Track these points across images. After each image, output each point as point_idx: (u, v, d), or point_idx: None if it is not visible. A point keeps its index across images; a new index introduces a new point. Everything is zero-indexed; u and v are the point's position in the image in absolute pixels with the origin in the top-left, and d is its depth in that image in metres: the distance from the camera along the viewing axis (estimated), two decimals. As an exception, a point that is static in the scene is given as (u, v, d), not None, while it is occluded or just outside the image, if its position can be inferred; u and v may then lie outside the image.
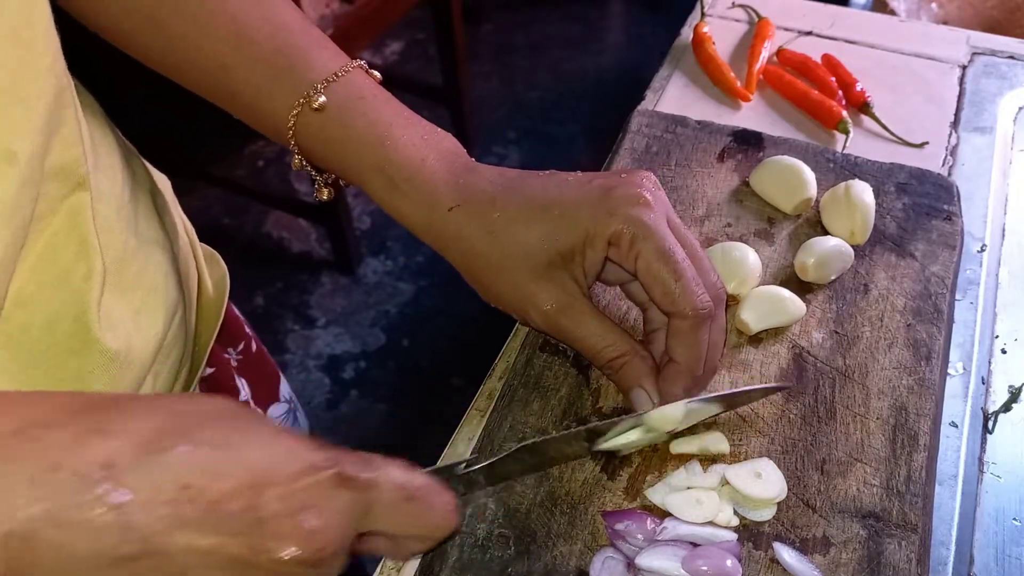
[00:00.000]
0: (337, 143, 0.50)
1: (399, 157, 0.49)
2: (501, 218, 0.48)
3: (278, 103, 0.50)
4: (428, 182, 0.49)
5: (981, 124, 0.74)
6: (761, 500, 0.46)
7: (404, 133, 0.50)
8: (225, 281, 0.66)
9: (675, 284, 0.46)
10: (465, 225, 0.48)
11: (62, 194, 0.44)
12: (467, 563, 0.45)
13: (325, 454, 0.34)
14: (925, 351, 0.54)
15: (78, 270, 0.45)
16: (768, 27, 0.81)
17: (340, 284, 1.93)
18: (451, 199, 0.49)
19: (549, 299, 0.48)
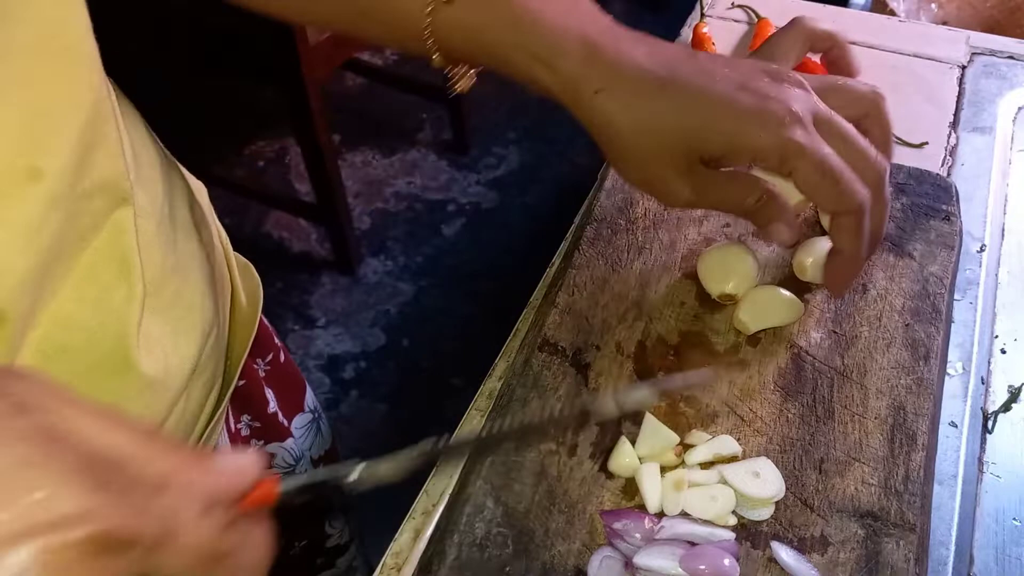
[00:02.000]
0: (476, 30, 0.48)
1: (542, 33, 0.47)
2: (646, 111, 0.46)
3: (411, 5, 0.48)
4: (574, 60, 0.46)
5: (981, 124, 0.74)
6: (759, 499, 0.46)
7: (547, 7, 0.47)
8: (258, 292, 0.64)
9: (835, 189, 0.46)
10: (611, 111, 0.46)
11: (106, 210, 0.43)
12: (465, 562, 0.45)
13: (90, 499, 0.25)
14: (923, 351, 0.54)
15: (118, 289, 0.44)
16: (768, 27, 0.81)
17: (340, 284, 1.93)
18: (596, 81, 0.46)
19: (687, 192, 0.48)
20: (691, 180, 0.48)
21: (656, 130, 0.46)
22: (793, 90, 0.47)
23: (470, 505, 0.47)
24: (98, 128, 0.41)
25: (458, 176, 2.15)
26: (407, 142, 2.21)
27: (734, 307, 0.56)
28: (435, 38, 0.49)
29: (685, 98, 0.46)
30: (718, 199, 0.49)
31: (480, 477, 0.48)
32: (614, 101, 0.46)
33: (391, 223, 2.04)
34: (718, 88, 0.46)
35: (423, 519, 0.51)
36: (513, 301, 0.67)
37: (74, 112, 0.40)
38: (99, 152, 0.42)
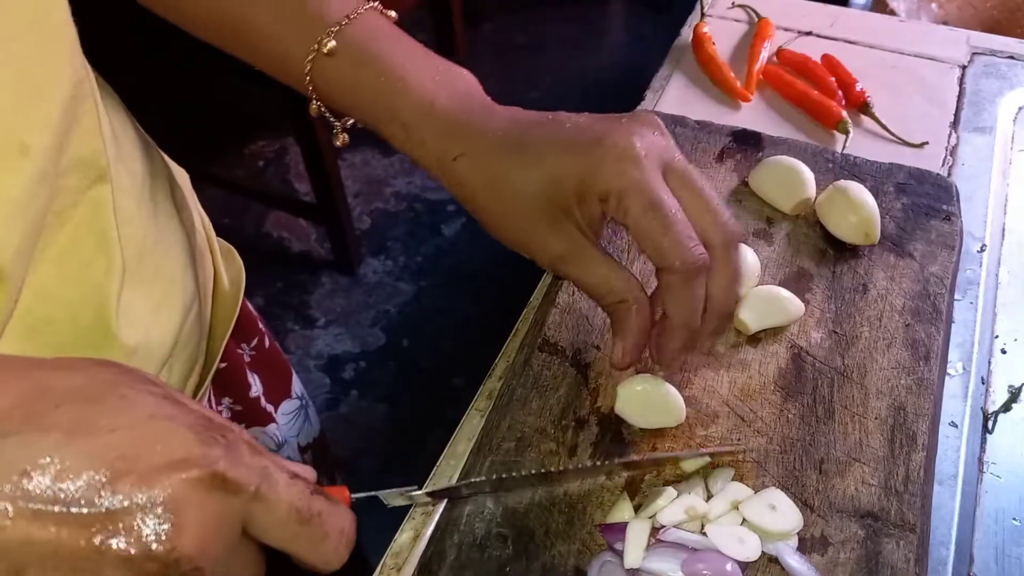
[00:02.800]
0: (351, 87, 0.49)
1: (410, 100, 0.48)
2: (500, 169, 0.47)
3: (294, 50, 0.50)
4: (437, 127, 0.48)
5: (981, 124, 0.74)
6: (778, 533, 0.46)
7: (417, 74, 0.49)
8: (241, 276, 0.66)
9: (663, 238, 0.44)
10: (469, 175, 0.47)
11: (83, 187, 0.44)
12: (465, 562, 0.45)
13: (207, 449, 0.30)
14: (924, 351, 0.54)
15: (99, 263, 0.45)
16: (768, 27, 0.81)
17: (340, 284, 1.93)
18: (456, 147, 0.47)
19: (553, 249, 0.47)
20: (556, 239, 0.47)
21: (514, 187, 0.47)
22: (648, 135, 0.46)
23: (470, 505, 0.47)
24: (77, 107, 0.43)
25: (458, 176, 2.14)
26: (407, 142, 2.21)
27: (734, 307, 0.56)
28: (314, 87, 0.50)
29: (536, 151, 0.46)
30: (582, 272, 0.47)
31: (480, 477, 0.48)
32: (473, 165, 0.47)
33: (391, 223, 2.04)
34: (565, 135, 0.46)
35: (423, 519, 0.51)
36: (513, 301, 0.67)
37: (57, 91, 0.41)
38: (76, 130, 0.43)
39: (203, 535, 0.29)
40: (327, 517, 0.34)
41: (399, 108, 0.48)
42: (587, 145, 0.45)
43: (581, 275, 0.47)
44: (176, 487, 0.29)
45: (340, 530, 0.35)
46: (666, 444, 0.50)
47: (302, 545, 0.34)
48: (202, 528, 0.29)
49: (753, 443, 0.50)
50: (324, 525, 0.34)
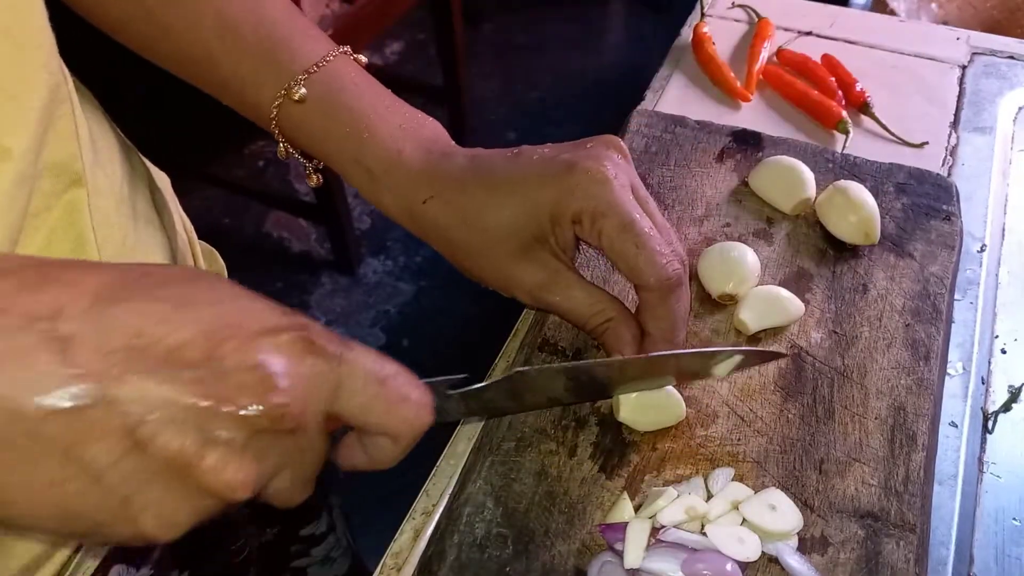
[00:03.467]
0: (318, 134, 0.50)
1: (377, 150, 0.49)
2: (472, 205, 0.48)
3: (263, 94, 0.50)
4: (404, 175, 0.49)
5: (981, 124, 0.74)
6: (780, 533, 0.46)
7: (383, 124, 0.50)
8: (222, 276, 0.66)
9: (638, 256, 0.45)
10: (440, 216, 0.48)
11: (58, 190, 0.44)
12: (465, 562, 0.45)
13: (293, 319, 0.33)
14: (924, 351, 0.54)
15: None
16: (768, 27, 0.81)
17: (340, 284, 1.93)
18: (425, 191, 0.48)
19: (531, 279, 0.48)
20: (533, 269, 0.48)
21: (488, 220, 0.47)
22: (616, 158, 0.47)
23: (470, 505, 0.47)
24: (54, 111, 0.43)
25: (458, 176, 2.14)
26: (407, 142, 2.21)
27: (734, 307, 0.56)
28: (280, 131, 0.51)
29: (508, 183, 0.47)
30: (562, 298, 0.48)
31: (480, 477, 0.48)
32: (443, 206, 0.48)
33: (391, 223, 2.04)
34: (535, 166, 0.47)
35: (423, 519, 0.51)
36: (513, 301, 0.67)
37: (34, 95, 0.41)
38: (52, 134, 0.43)
39: (303, 393, 0.31)
40: (401, 378, 0.36)
41: (365, 157, 0.49)
42: (559, 172, 0.46)
43: (563, 301, 0.48)
44: (276, 348, 0.31)
45: (418, 392, 0.36)
46: (666, 444, 0.50)
47: (384, 406, 0.35)
48: (301, 386, 0.31)
49: (753, 443, 0.50)
50: (401, 386, 0.35)
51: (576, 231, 0.47)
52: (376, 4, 1.76)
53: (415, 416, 0.36)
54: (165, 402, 0.29)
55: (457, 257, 0.50)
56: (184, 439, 0.29)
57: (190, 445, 0.29)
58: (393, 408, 0.35)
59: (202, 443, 0.29)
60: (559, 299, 0.48)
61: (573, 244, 0.48)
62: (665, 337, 0.48)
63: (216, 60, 0.51)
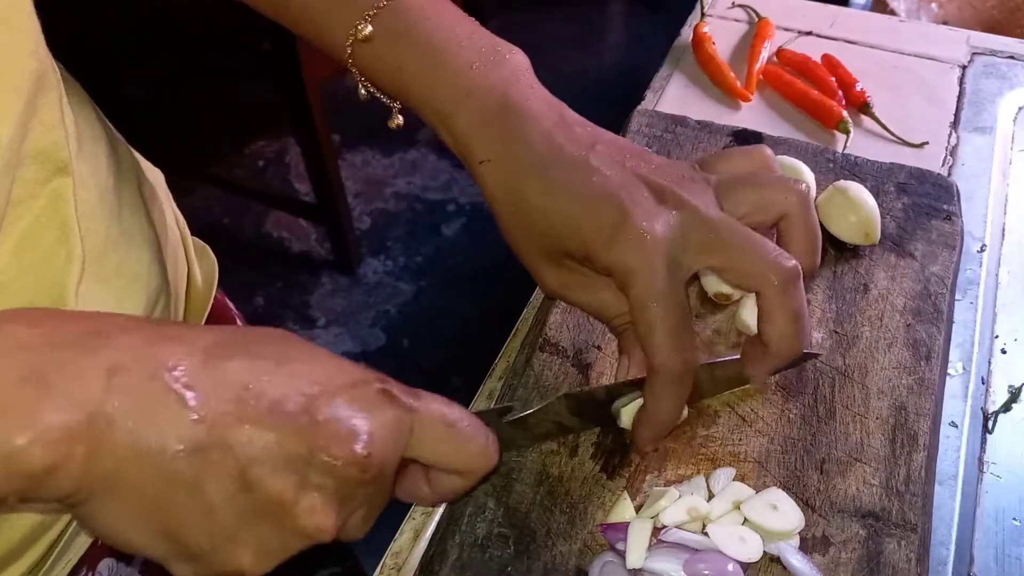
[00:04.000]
0: (392, 71, 0.49)
1: (444, 87, 0.47)
2: (523, 192, 0.46)
3: (337, 32, 0.49)
4: (466, 125, 0.47)
5: (981, 124, 0.74)
6: (780, 532, 0.46)
7: (456, 58, 0.47)
8: (214, 273, 0.66)
9: (652, 335, 0.43)
10: (492, 184, 0.47)
11: (42, 178, 0.44)
12: (467, 562, 0.45)
13: (371, 373, 0.36)
14: (925, 351, 0.54)
15: (58, 255, 0.45)
16: (768, 27, 0.81)
17: (340, 284, 1.93)
18: (483, 151, 0.47)
19: (556, 279, 0.48)
20: (559, 271, 0.48)
21: (530, 215, 0.46)
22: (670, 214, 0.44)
23: (471, 505, 0.47)
24: (38, 99, 0.43)
25: (458, 176, 2.15)
26: (407, 142, 2.21)
27: (736, 307, 0.56)
28: (358, 69, 0.50)
29: (561, 194, 0.45)
30: (587, 299, 0.48)
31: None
32: (495, 175, 0.46)
33: (391, 223, 2.04)
34: (591, 193, 0.44)
35: (423, 519, 0.51)
36: (513, 301, 0.67)
37: (21, 83, 0.41)
38: (35, 122, 0.43)
39: (385, 442, 0.34)
40: (468, 420, 0.38)
41: (437, 95, 0.47)
42: (609, 218, 0.44)
43: (587, 300, 0.49)
44: (362, 400, 0.34)
45: (484, 433, 0.39)
46: (668, 443, 0.50)
47: (453, 447, 0.38)
48: (384, 435, 0.34)
49: (754, 443, 0.50)
50: (468, 428, 0.38)
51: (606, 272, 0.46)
52: (376, 4, 1.75)
53: (481, 452, 0.39)
54: (269, 447, 0.32)
55: (498, 222, 0.49)
56: (284, 482, 0.32)
57: (289, 488, 0.33)
58: (462, 449, 0.38)
59: (299, 487, 0.33)
60: (584, 299, 0.49)
61: None
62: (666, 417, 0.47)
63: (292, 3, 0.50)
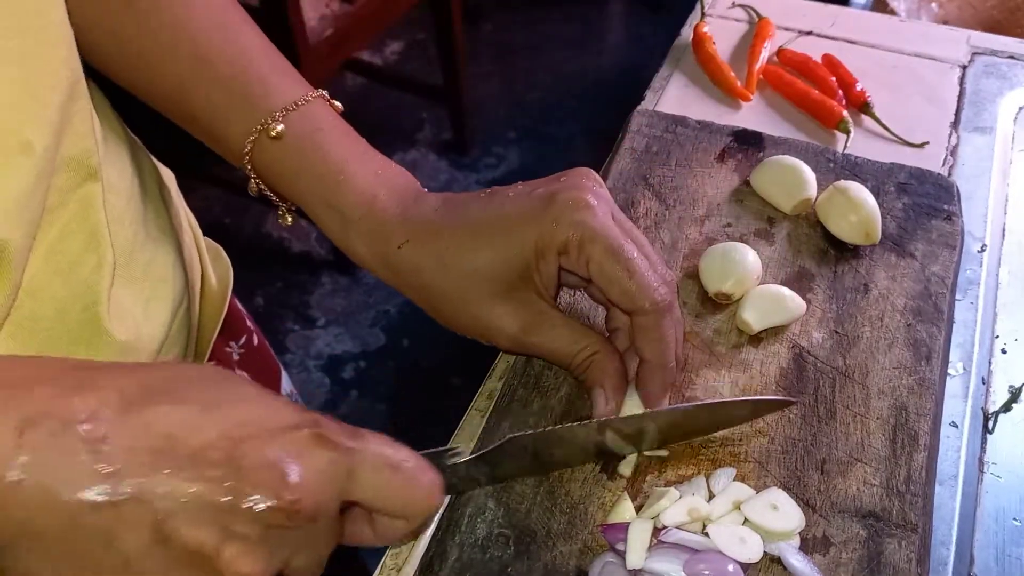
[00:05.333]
0: (292, 174, 0.50)
1: (352, 195, 0.49)
2: (449, 248, 0.47)
3: (235, 128, 0.50)
4: (379, 220, 0.48)
5: (981, 124, 0.74)
6: (780, 532, 0.46)
7: (359, 169, 0.49)
8: (229, 275, 0.66)
9: (630, 281, 0.45)
10: (417, 260, 0.48)
11: (72, 185, 0.44)
12: (467, 563, 0.45)
13: (306, 415, 0.35)
14: (925, 351, 0.54)
15: (88, 261, 0.45)
16: (768, 27, 0.81)
17: (340, 284, 1.93)
18: (400, 235, 0.48)
19: (514, 322, 0.47)
20: (515, 311, 0.47)
21: (468, 263, 0.47)
22: (594, 187, 0.48)
23: (471, 506, 0.47)
24: (72, 107, 0.43)
25: (458, 176, 2.15)
26: (407, 142, 2.21)
27: (736, 307, 0.56)
28: (253, 168, 0.50)
29: (484, 226, 0.47)
30: (547, 341, 0.48)
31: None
32: (420, 250, 0.48)
33: (391, 223, 2.04)
34: (512, 203, 0.47)
35: (424, 519, 0.51)
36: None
37: (56, 91, 0.41)
38: (69, 130, 0.43)
39: (317, 488, 0.33)
40: (413, 463, 0.37)
41: (339, 201, 0.49)
42: (540, 205, 0.46)
43: (547, 341, 0.48)
44: (290, 446, 0.33)
45: (428, 476, 0.37)
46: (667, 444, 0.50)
47: (395, 491, 0.36)
48: (314, 482, 0.33)
49: (755, 443, 0.50)
50: (412, 470, 0.37)
51: (563, 262, 0.47)
52: (376, 4, 1.75)
53: (426, 498, 0.38)
54: (188, 499, 0.31)
55: (434, 304, 0.49)
56: (205, 534, 0.31)
57: (210, 539, 0.32)
58: (405, 493, 0.37)
59: (221, 538, 0.32)
60: (543, 339, 0.48)
61: (556, 280, 0.48)
62: (660, 360, 0.48)
63: (188, 91, 0.50)
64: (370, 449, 0.36)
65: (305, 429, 0.34)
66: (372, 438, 0.36)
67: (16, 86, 0.39)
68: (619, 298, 0.46)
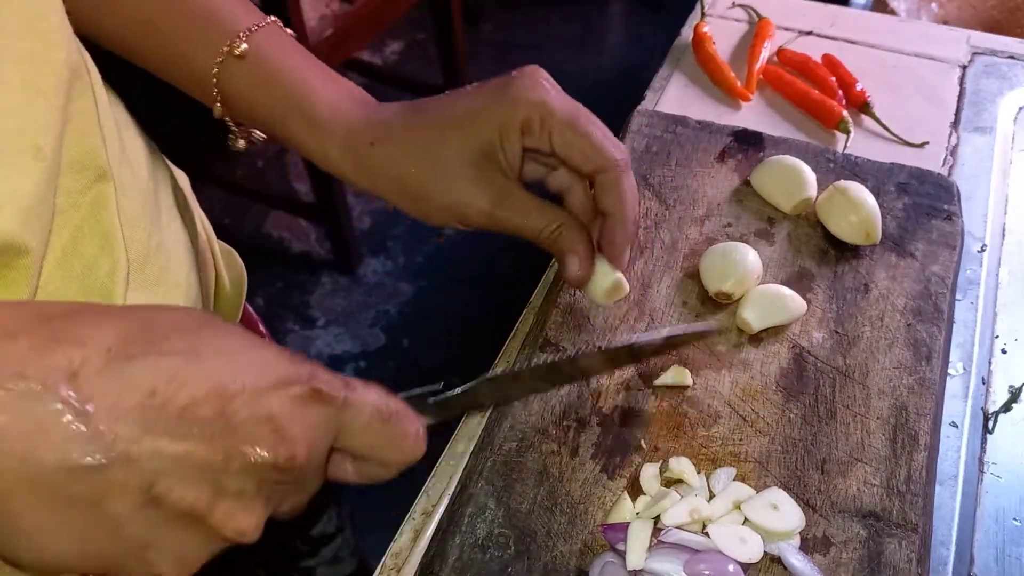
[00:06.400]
0: (260, 88, 0.52)
1: (318, 99, 0.51)
2: (420, 138, 0.50)
3: (202, 54, 0.51)
4: (347, 122, 0.51)
5: (981, 124, 0.74)
6: (781, 532, 0.46)
7: (323, 82, 0.52)
8: (243, 279, 0.67)
9: (590, 143, 0.49)
10: (390, 154, 0.50)
11: (83, 187, 0.44)
12: (467, 563, 0.45)
13: (300, 368, 0.34)
14: (925, 351, 0.54)
15: (102, 264, 0.45)
16: (768, 27, 0.81)
17: (340, 284, 1.93)
18: (369, 135, 0.50)
19: (484, 196, 0.50)
20: (486, 188, 0.50)
21: (437, 147, 0.49)
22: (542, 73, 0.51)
23: (472, 506, 0.47)
24: (70, 106, 0.43)
25: (458, 176, 2.14)
26: (407, 142, 2.21)
27: (736, 307, 0.56)
28: (219, 89, 0.52)
29: (449, 117, 0.50)
30: (517, 215, 0.50)
31: (482, 478, 0.48)
32: (390, 144, 0.50)
33: (391, 223, 2.04)
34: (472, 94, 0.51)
35: (423, 520, 0.51)
36: (513, 301, 0.67)
37: (58, 91, 0.41)
38: (69, 129, 0.43)
39: (309, 442, 0.33)
40: (403, 415, 0.37)
41: (309, 106, 0.51)
42: (499, 91, 0.50)
43: (515, 215, 0.50)
44: (284, 402, 0.32)
45: (415, 428, 0.38)
46: (668, 444, 0.50)
47: (385, 443, 0.37)
48: (308, 436, 0.33)
49: (755, 443, 0.50)
50: (402, 423, 0.37)
51: (526, 141, 0.50)
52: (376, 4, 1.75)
53: (412, 448, 0.38)
54: (179, 459, 0.30)
55: (409, 193, 0.51)
56: (197, 493, 0.31)
57: (202, 498, 0.31)
58: (393, 443, 0.37)
59: (213, 495, 0.31)
60: (512, 213, 0.50)
61: (520, 158, 0.51)
62: (622, 214, 0.51)
63: (157, 26, 0.52)
64: (363, 401, 0.36)
65: (296, 386, 0.33)
66: (363, 389, 0.36)
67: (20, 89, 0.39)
68: (582, 161, 0.50)
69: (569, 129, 0.49)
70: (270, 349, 0.34)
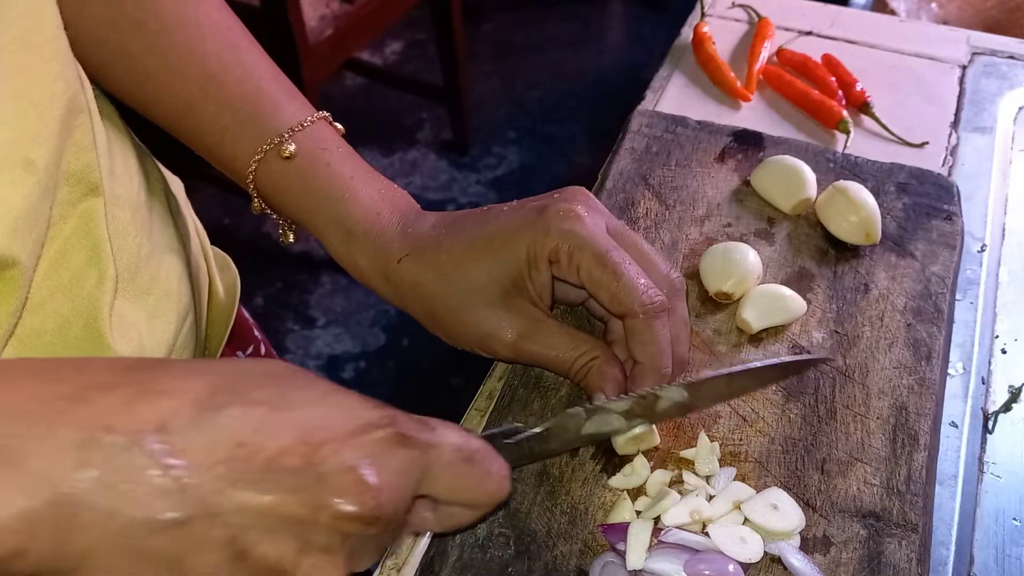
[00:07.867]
0: (298, 193, 0.51)
1: (357, 211, 0.50)
2: (449, 260, 0.48)
3: (241, 148, 0.50)
4: (381, 234, 0.50)
5: (981, 124, 0.74)
6: (781, 532, 0.46)
7: (363, 187, 0.51)
8: (236, 286, 0.66)
9: (617, 284, 0.46)
10: (417, 272, 0.49)
11: (73, 200, 0.44)
12: (467, 563, 0.45)
13: (382, 412, 0.33)
14: (925, 351, 0.54)
15: (90, 276, 0.45)
16: (768, 27, 0.81)
17: (340, 284, 1.93)
18: (401, 249, 0.49)
19: (511, 328, 0.48)
20: (512, 319, 0.48)
21: (466, 273, 0.48)
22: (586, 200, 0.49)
23: (472, 505, 0.47)
24: (72, 121, 0.43)
25: (458, 176, 2.15)
26: (407, 142, 2.21)
27: (736, 307, 0.56)
28: (256, 187, 0.52)
29: (480, 238, 0.48)
30: (543, 347, 0.48)
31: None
32: (420, 262, 0.49)
33: (391, 223, 2.04)
34: (506, 216, 0.49)
35: (424, 519, 0.51)
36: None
37: (54, 105, 0.41)
38: (69, 143, 0.43)
39: (396, 490, 0.32)
40: (486, 454, 0.37)
41: (346, 218, 0.50)
42: (532, 216, 0.48)
43: (545, 349, 0.48)
44: (370, 447, 0.32)
45: (499, 466, 0.37)
46: (668, 444, 0.50)
47: (470, 484, 0.36)
48: (394, 483, 0.32)
49: (755, 443, 0.50)
50: (485, 462, 0.36)
51: (554, 271, 0.48)
52: (376, 4, 1.76)
53: (497, 489, 0.37)
54: (264, 512, 0.30)
55: (434, 316, 0.50)
56: (282, 548, 0.30)
57: (287, 553, 0.30)
58: (478, 484, 0.36)
59: (299, 550, 0.30)
60: (541, 346, 0.48)
61: (550, 288, 0.49)
62: (654, 364, 0.47)
63: (196, 110, 0.51)
64: (446, 443, 0.35)
65: (381, 429, 0.32)
66: (444, 430, 0.36)
67: (12, 102, 0.39)
68: (609, 302, 0.47)
69: (597, 266, 0.46)
70: (351, 395, 0.34)
